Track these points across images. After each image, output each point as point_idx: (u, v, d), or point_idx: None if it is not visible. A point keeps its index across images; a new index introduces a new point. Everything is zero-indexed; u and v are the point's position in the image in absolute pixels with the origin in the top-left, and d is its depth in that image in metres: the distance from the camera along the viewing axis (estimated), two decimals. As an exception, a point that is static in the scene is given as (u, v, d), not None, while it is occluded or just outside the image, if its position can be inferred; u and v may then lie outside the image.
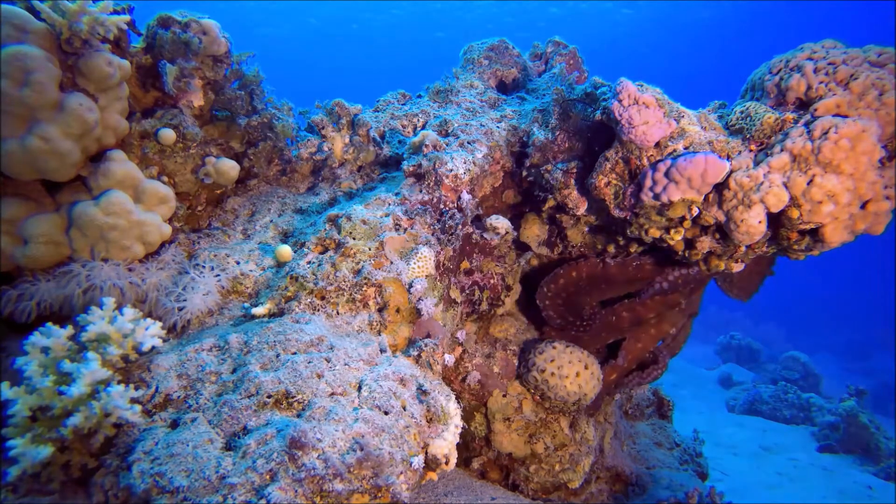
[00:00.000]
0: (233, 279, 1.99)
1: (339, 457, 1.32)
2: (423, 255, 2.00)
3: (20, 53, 1.56)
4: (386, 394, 1.55)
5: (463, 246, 2.37)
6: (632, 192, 2.20)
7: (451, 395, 1.77)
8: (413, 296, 1.93)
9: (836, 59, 2.03)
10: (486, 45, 3.24)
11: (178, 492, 1.28)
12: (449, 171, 2.29)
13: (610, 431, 2.78)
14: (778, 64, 2.19)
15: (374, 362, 1.68)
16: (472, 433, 2.43)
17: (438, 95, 2.98)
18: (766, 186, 1.93)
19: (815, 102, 2.00)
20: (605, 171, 2.26)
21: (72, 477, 1.44)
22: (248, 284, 2.00)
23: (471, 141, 2.54)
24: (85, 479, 1.43)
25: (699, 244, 2.22)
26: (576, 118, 2.51)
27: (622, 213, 2.27)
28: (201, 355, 1.62)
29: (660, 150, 2.12)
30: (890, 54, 2.01)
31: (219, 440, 1.41)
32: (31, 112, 1.60)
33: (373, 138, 2.69)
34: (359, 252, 1.95)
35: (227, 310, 1.92)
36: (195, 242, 2.15)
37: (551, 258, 2.77)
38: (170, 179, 2.09)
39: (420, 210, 2.18)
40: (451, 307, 2.26)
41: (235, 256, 2.06)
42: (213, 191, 2.29)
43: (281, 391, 1.49)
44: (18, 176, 1.66)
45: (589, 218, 2.53)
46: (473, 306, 2.45)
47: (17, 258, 1.73)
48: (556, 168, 2.47)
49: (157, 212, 1.92)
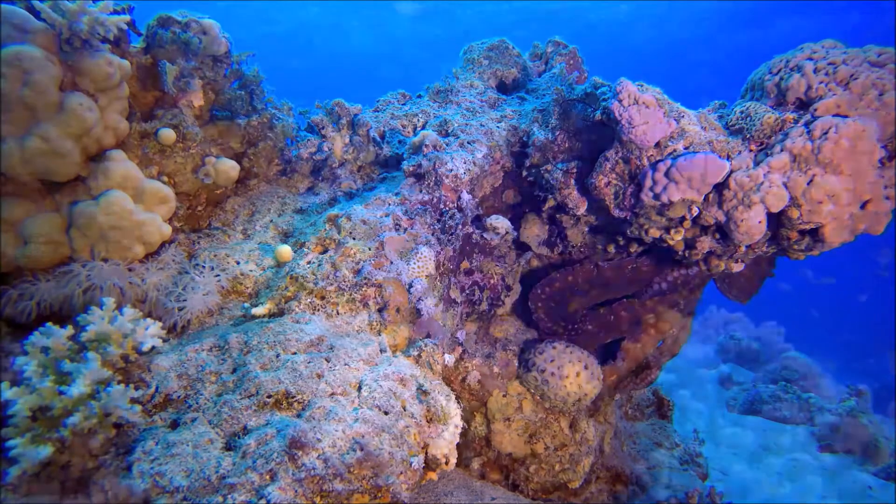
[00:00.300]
0: (233, 279, 1.99)
1: (339, 457, 1.32)
2: (423, 255, 2.00)
3: (20, 53, 1.56)
4: (386, 394, 1.55)
5: (463, 246, 2.37)
6: (632, 192, 2.20)
7: (451, 395, 1.77)
8: (413, 296, 1.93)
9: (836, 59, 2.03)
10: (486, 45, 3.24)
11: (178, 492, 1.28)
12: (449, 171, 2.29)
13: (610, 431, 2.78)
14: (778, 64, 2.19)
15: (374, 362, 1.69)
16: (472, 433, 2.43)
17: (438, 95, 2.98)
18: (767, 186, 1.93)
19: (816, 102, 2.00)
20: (605, 171, 2.26)
21: (72, 477, 1.44)
22: (248, 284, 2.00)
23: (471, 141, 2.54)
24: (85, 480, 1.43)
25: (699, 244, 2.22)
26: (576, 118, 2.51)
27: (622, 213, 2.27)
28: (201, 355, 1.62)
29: (660, 150, 2.12)
30: (890, 54, 2.01)
31: (219, 440, 1.41)
32: (31, 112, 1.60)
33: (373, 138, 2.69)
34: (359, 252, 1.95)
35: (227, 310, 1.92)
36: (195, 242, 2.14)
37: (551, 258, 2.77)
38: (170, 179, 2.09)
39: (420, 210, 2.18)
40: (451, 307, 2.26)
41: (235, 256, 2.06)
42: (213, 191, 2.29)
43: (281, 391, 1.49)
44: (18, 176, 1.66)
45: (589, 218, 2.53)
46: (473, 306, 2.45)
47: (18, 258, 1.74)
48: (556, 168, 2.47)
49: (157, 212, 1.92)
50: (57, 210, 1.79)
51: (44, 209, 1.78)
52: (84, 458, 1.44)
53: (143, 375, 1.56)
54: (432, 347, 1.83)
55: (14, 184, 1.72)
